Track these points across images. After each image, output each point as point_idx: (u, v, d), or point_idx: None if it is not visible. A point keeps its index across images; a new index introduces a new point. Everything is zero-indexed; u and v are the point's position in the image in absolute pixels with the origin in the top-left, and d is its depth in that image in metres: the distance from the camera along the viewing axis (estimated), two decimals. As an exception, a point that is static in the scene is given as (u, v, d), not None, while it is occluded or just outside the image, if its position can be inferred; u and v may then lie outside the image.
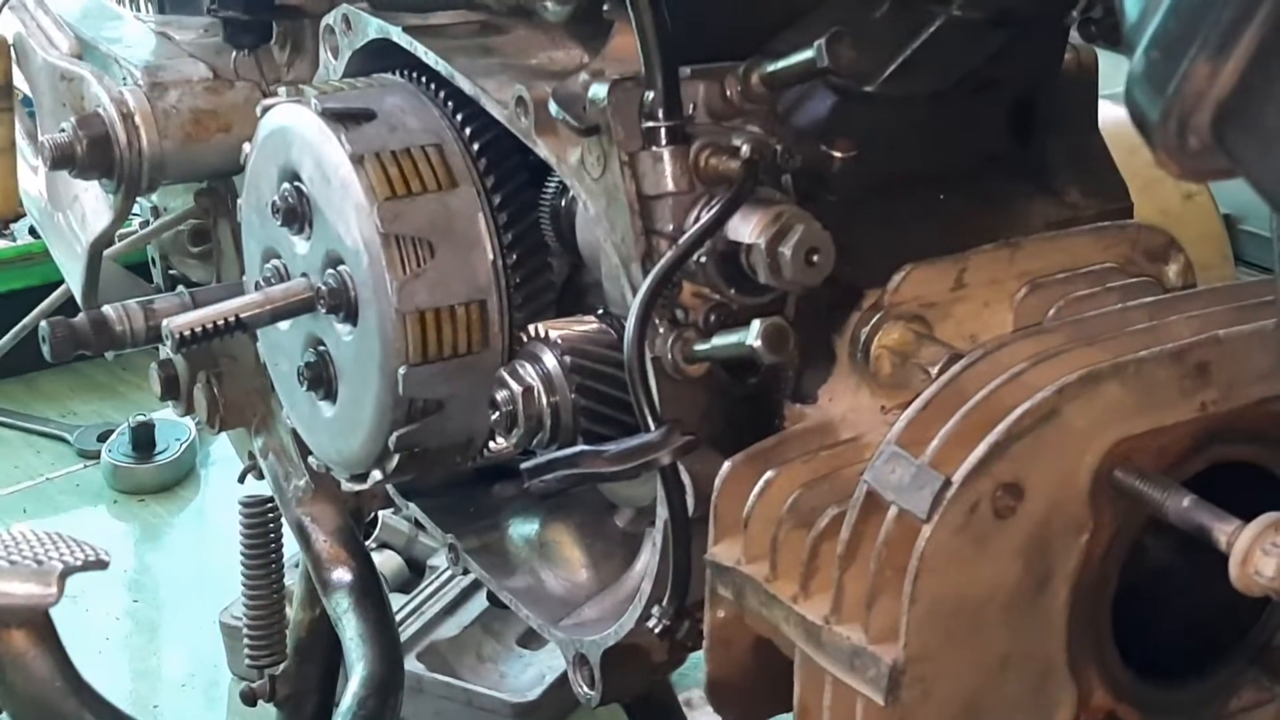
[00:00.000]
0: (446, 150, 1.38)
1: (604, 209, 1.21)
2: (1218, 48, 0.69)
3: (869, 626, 1.03)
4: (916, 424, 1.05)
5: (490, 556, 1.52)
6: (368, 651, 1.75)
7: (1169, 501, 1.00)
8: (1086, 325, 1.12)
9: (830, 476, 1.14)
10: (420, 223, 1.35)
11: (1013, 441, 1.00)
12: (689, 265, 1.17)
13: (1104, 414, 1.02)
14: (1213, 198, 1.66)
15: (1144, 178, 1.53)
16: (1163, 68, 0.70)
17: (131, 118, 1.73)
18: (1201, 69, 0.69)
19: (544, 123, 1.25)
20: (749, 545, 1.14)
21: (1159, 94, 0.71)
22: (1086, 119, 1.35)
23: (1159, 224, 1.31)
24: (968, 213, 1.28)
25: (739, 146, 1.17)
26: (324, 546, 1.87)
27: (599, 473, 1.16)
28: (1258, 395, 1.07)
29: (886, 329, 1.18)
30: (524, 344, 1.33)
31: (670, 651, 1.30)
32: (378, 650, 1.76)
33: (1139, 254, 1.26)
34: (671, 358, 1.18)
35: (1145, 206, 1.38)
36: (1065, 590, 1.05)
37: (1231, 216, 2.82)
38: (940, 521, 0.99)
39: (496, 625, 2.88)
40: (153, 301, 1.74)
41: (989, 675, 1.04)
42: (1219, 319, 1.10)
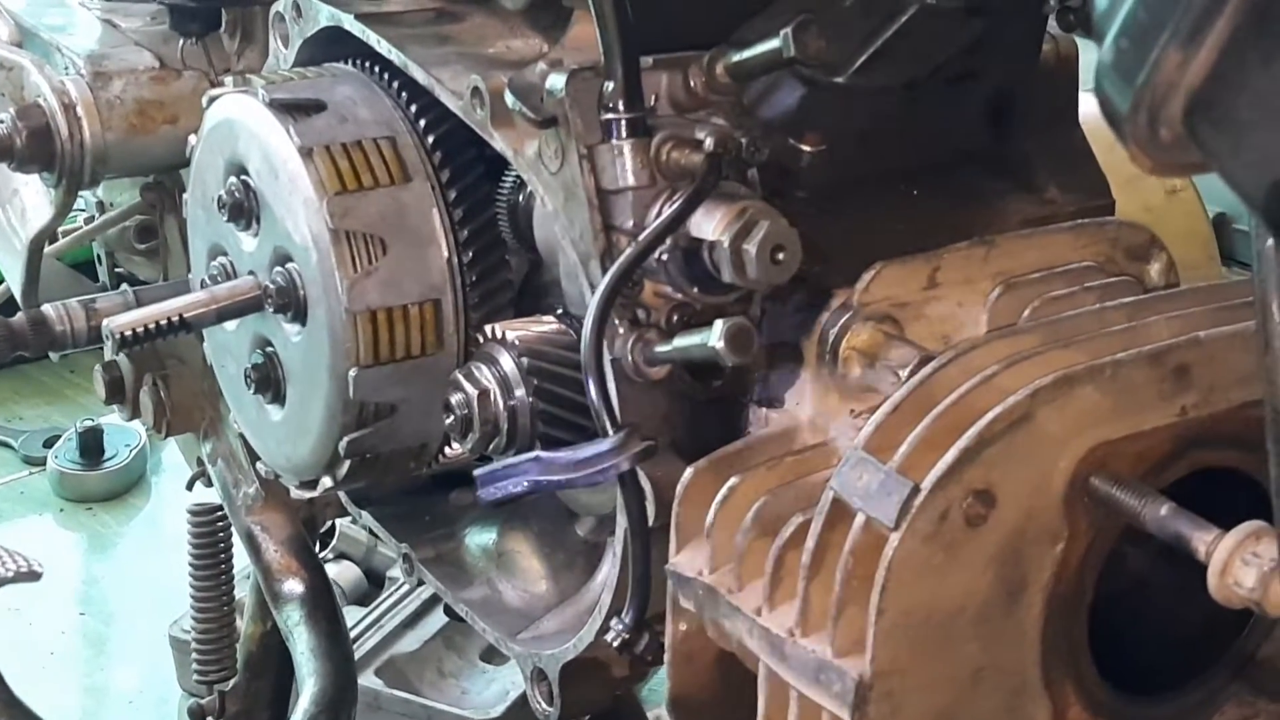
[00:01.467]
0: (400, 143, 1.38)
1: (562, 204, 1.21)
2: (1189, 36, 0.68)
3: (835, 639, 1.03)
4: (885, 428, 1.05)
5: (446, 567, 1.52)
6: (319, 667, 1.75)
7: (1146, 509, 1.00)
8: (1062, 326, 1.12)
9: (796, 483, 1.13)
10: (372, 218, 1.35)
11: (984, 447, 1.00)
12: (650, 263, 1.17)
13: (1079, 418, 1.02)
14: (1198, 194, 1.66)
15: (1125, 173, 1.53)
16: (1132, 57, 0.70)
17: (73, 108, 1.72)
18: (1172, 58, 0.69)
19: (500, 114, 1.25)
20: (712, 555, 1.13)
21: (1128, 84, 0.71)
22: (1066, 112, 1.35)
23: (1141, 221, 1.31)
24: (941, 210, 1.28)
25: (702, 139, 1.17)
26: (275, 557, 1.86)
27: (555, 480, 1.15)
28: (1239, 399, 1.07)
29: (856, 330, 1.18)
30: (480, 345, 1.32)
31: (631, 666, 1.30)
32: (330, 666, 1.75)
33: (1119, 252, 1.26)
34: (631, 359, 1.18)
35: (1127, 203, 1.38)
36: (1039, 601, 1.05)
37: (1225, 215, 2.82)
38: (909, 530, 0.99)
39: (458, 639, 2.87)
40: (95, 300, 1.73)
41: (960, 690, 1.04)
42: (1200, 320, 1.10)
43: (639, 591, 1.19)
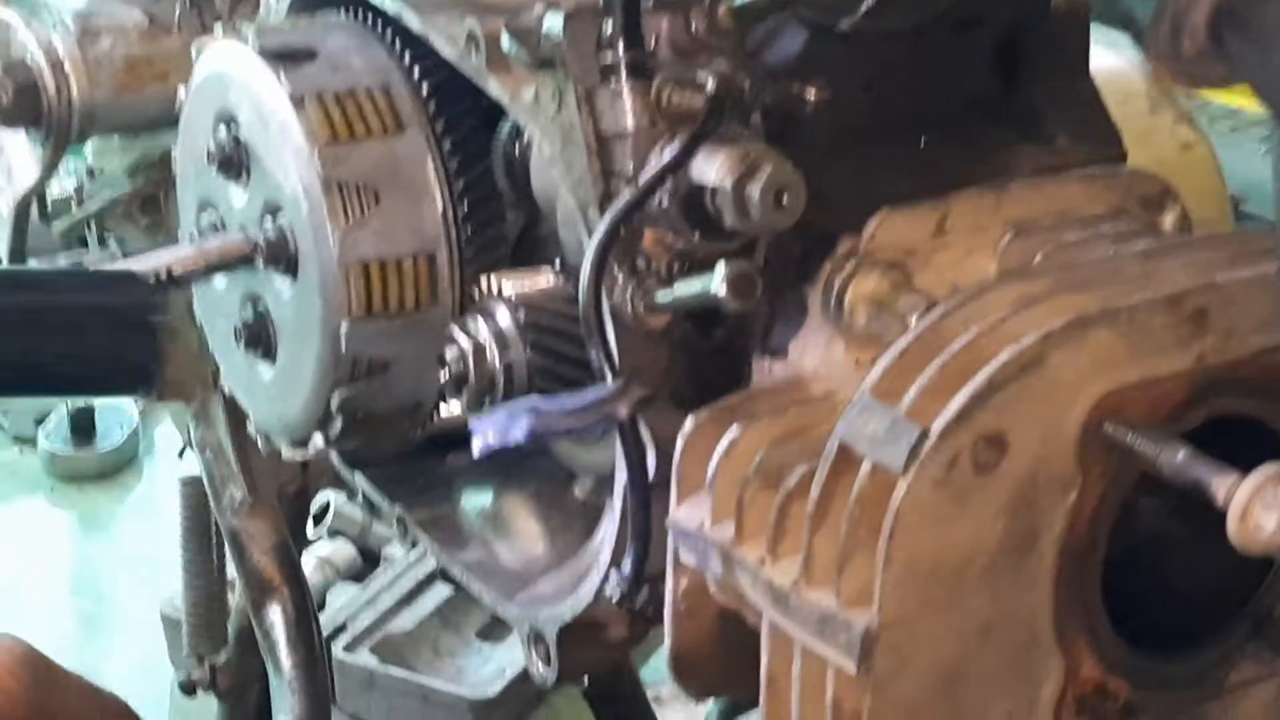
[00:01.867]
0: (393, 92, 1.35)
1: (559, 150, 1.19)
2: (1215, -61, 0.66)
3: (840, 590, 1.01)
4: (892, 373, 1.03)
5: (441, 529, 1.49)
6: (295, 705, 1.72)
7: (1163, 455, 0.98)
8: (1075, 270, 1.10)
9: (800, 433, 1.11)
10: (364, 169, 1.32)
11: (995, 391, 0.97)
12: (650, 208, 1.14)
13: (1093, 363, 1.00)
14: (1212, 149, 1.63)
15: (1138, 128, 1.52)
16: (1156, -38, 0.68)
17: (61, 65, 1.70)
18: (1197, -37, 0.67)
19: (496, 59, 1.22)
20: (714, 508, 1.11)
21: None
22: (1077, 60, 1.33)
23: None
24: (949, 159, 1.26)
25: (704, 82, 1.14)
26: (258, 566, 1.82)
27: (552, 428, 1.13)
28: (1258, 345, 1.04)
29: (862, 277, 1.15)
30: (476, 299, 1.30)
31: (630, 626, 1.28)
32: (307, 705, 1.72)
33: (1133, 202, 1.24)
34: (631, 308, 1.16)
35: (1140, 158, 1.35)
36: (1052, 553, 1.02)
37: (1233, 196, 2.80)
38: (917, 475, 0.97)
39: (455, 617, 2.86)
40: (83, 261, 1.71)
41: (969, 643, 1.02)
42: (1218, 265, 1.07)
43: (638, 543, 1.16)
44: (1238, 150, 3.33)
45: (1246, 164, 3.33)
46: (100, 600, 3.24)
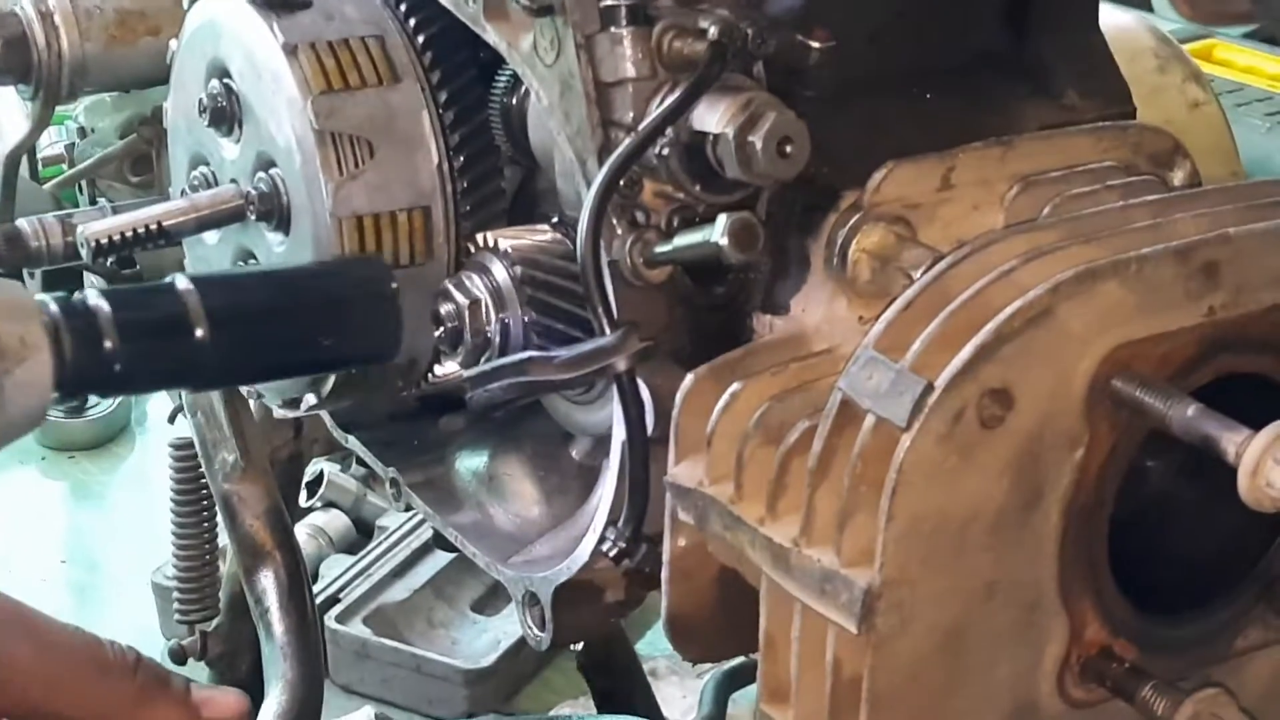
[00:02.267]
0: (389, 42, 1.34)
1: (558, 99, 1.17)
2: None
3: (841, 548, 0.99)
4: (897, 326, 1.01)
5: (435, 491, 1.48)
6: (287, 671, 1.70)
7: (1173, 411, 0.96)
8: (1084, 222, 1.08)
9: (802, 389, 1.09)
10: (359, 120, 1.30)
11: (1002, 344, 0.96)
12: (650, 159, 1.13)
13: (1102, 316, 0.98)
14: (1221, 107, 1.62)
15: (1147, 85, 1.50)
16: (1175, -115, 0.66)
17: (50, 17, 1.68)
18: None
19: (494, 6, 1.21)
20: (712, 464, 1.09)
21: (1170, -82, 0.67)
22: (1087, 14, 1.31)
23: (1163, 131, 1.27)
24: (955, 112, 1.24)
25: (706, 29, 1.12)
26: (250, 531, 1.81)
27: (548, 380, 1.12)
28: (1270, 300, 1.03)
29: (866, 231, 1.14)
30: (471, 254, 1.28)
31: (628, 589, 1.26)
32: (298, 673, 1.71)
33: (1141, 157, 1.22)
34: (630, 261, 1.14)
35: (1148, 116, 1.34)
36: (1057, 511, 1.01)
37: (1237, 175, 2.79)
38: (921, 429, 0.95)
39: (449, 589, 2.85)
40: (72, 216, 1.69)
41: (973, 603, 1.00)
42: (1229, 218, 1.06)
43: (637, 499, 1.15)
44: (1241, 126, 3.32)
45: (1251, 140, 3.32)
46: (93, 569, 3.22)
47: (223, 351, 1.18)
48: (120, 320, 1.13)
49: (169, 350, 1.18)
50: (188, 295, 1.17)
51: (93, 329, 1.12)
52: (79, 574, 3.18)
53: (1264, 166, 3.30)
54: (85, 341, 1.12)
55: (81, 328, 1.12)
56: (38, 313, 1.09)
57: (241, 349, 1.21)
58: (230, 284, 1.25)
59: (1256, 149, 3.34)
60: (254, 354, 1.23)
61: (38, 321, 1.09)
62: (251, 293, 1.24)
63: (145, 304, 1.18)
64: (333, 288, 1.25)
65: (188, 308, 1.17)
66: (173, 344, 1.17)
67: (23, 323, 1.07)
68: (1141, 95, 1.33)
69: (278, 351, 1.25)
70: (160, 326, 1.17)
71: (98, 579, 3.17)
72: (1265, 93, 3.53)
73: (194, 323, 1.16)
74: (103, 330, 1.13)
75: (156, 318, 1.17)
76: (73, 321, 1.11)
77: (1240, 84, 3.54)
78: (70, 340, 1.11)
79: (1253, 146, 3.30)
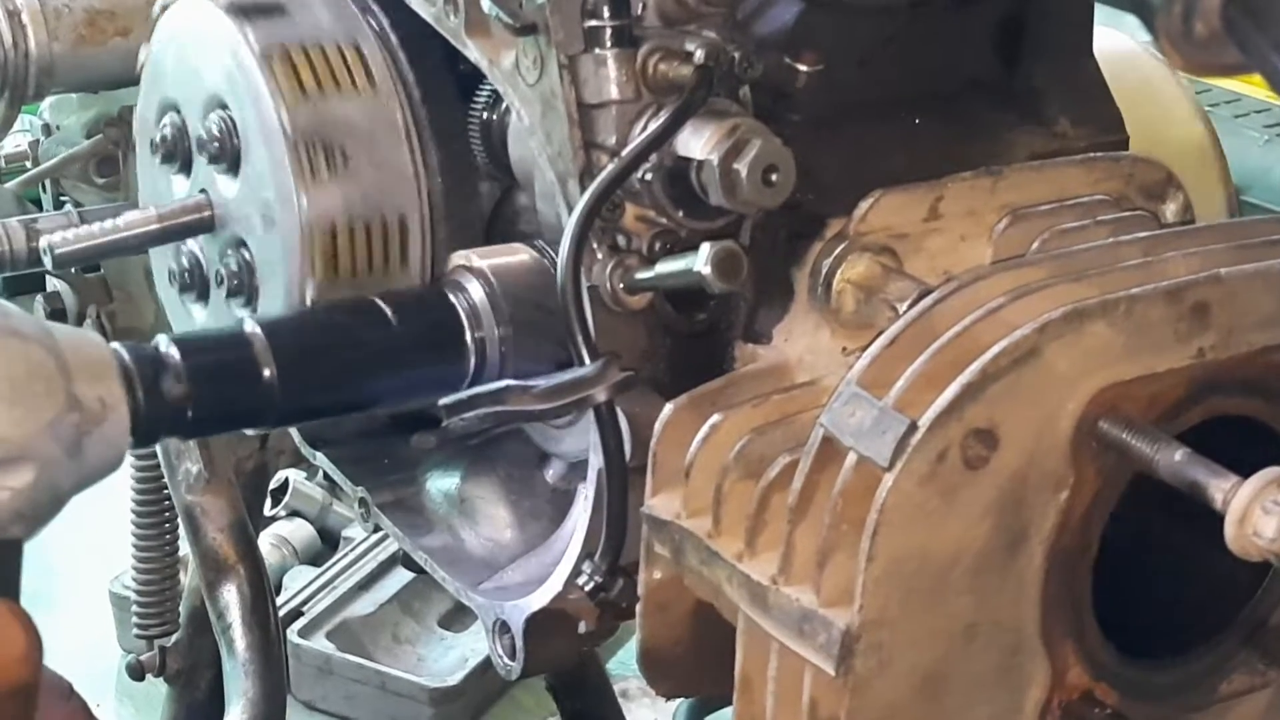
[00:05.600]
0: (367, 53, 1.34)
1: (539, 119, 1.18)
2: (1232, -83, 0.66)
3: (821, 588, 1.00)
4: (881, 362, 1.02)
5: (405, 513, 1.48)
6: (249, 688, 1.71)
7: (1160, 455, 0.98)
8: (1073, 259, 1.10)
9: (783, 422, 1.10)
10: (334, 128, 1.31)
11: (987, 383, 0.97)
12: (632, 184, 1.14)
13: (1090, 356, 1.00)
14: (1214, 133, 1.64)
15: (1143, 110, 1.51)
16: (1169, -60, 0.67)
17: (18, 16, 1.69)
18: (1213, -59, 0.66)
19: (475, 21, 1.22)
20: (690, 497, 1.11)
21: (1164, -29, 0.68)
22: (1080, 41, 1.32)
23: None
24: (945, 140, 1.25)
25: (692, 51, 1.14)
26: (213, 544, 1.81)
27: (526, 410, 1.13)
28: (1261, 343, 1.04)
29: (851, 261, 1.15)
30: (447, 272, 1.29)
31: (600, 619, 1.27)
32: (260, 689, 1.72)
33: (1134, 189, 1.23)
34: (610, 286, 1.15)
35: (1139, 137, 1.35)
36: (1040, 553, 1.02)
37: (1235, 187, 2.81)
38: (904, 470, 0.96)
39: (416, 604, 2.86)
40: (36, 221, 1.69)
41: (953, 646, 1.02)
42: (1221, 257, 1.07)
43: (614, 532, 1.16)
44: (1240, 138, 3.34)
45: (1249, 152, 3.34)
46: (48, 574, 3.22)
47: (291, 391, 1.22)
48: (190, 366, 1.17)
49: (238, 393, 1.22)
50: (254, 338, 1.21)
51: (164, 375, 1.16)
52: (34, 581, 3.17)
53: (1262, 179, 3.32)
54: (157, 390, 1.16)
55: (152, 375, 1.16)
56: (115, 368, 1.13)
57: (310, 388, 1.25)
58: (298, 323, 1.28)
59: (1254, 161, 3.36)
60: (322, 392, 1.27)
61: (116, 380, 1.12)
62: (319, 332, 1.27)
63: (214, 348, 1.22)
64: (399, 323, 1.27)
65: (254, 349, 1.20)
66: (242, 387, 1.21)
67: (102, 382, 1.11)
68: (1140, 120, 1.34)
69: (346, 388, 1.28)
70: (229, 370, 1.21)
71: (53, 586, 3.17)
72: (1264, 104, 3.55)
73: (261, 364, 1.20)
74: (172, 376, 1.17)
75: (225, 361, 1.21)
76: (144, 370, 1.15)
77: (1238, 94, 3.56)
78: (144, 391, 1.15)
79: (1250, 158, 3.31)
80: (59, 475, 1.07)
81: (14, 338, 1.05)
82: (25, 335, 1.05)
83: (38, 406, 1.05)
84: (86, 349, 1.11)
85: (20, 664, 1.02)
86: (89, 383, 1.09)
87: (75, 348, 1.09)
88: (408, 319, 1.27)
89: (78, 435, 1.07)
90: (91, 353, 1.11)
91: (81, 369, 1.08)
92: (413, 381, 1.28)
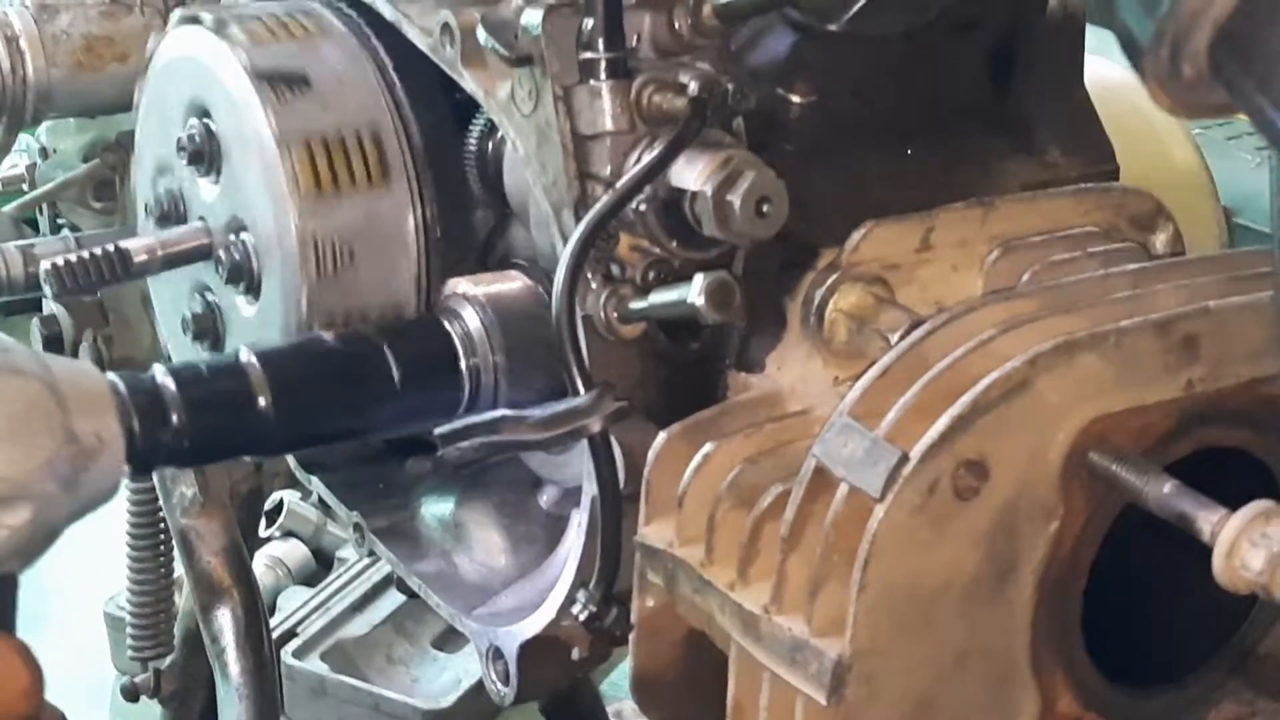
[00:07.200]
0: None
1: (534, 149, 1.19)
2: (1219, -38, 0.66)
3: (812, 617, 1.01)
4: (873, 393, 1.03)
5: (399, 538, 1.49)
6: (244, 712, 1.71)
7: (1149, 487, 0.98)
8: (1063, 291, 1.10)
9: (775, 452, 1.11)
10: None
11: (978, 415, 0.98)
12: (627, 214, 1.14)
13: (1080, 388, 1.00)
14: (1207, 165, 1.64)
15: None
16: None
17: (16, 41, 1.69)
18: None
19: (471, 52, 1.22)
20: (683, 526, 1.11)
21: (1150, 14, 0.69)
22: (1071, 70, 1.33)
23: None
24: (937, 169, 1.26)
25: (686, 83, 1.14)
26: (208, 568, 1.82)
27: (521, 440, 1.13)
28: (1249, 375, 1.05)
29: (843, 291, 1.16)
30: (442, 300, 1.30)
31: (593, 646, 1.27)
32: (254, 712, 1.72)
33: (1124, 220, 1.24)
34: (604, 316, 1.16)
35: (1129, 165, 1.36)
36: (1031, 583, 1.03)
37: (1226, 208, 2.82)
38: (895, 501, 0.97)
39: (409, 625, 2.85)
40: (34, 245, 1.70)
41: (944, 674, 1.02)
42: (1210, 289, 1.08)
43: (608, 562, 1.16)
44: (1231, 160, 3.34)
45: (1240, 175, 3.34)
46: (42, 595, 3.22)
47: (286, 420, 1.22)
48: (185, 396, 1.18)
49: (234, 423, 1.22)
50: (249, 367, 1.21)
51: (160, 407, 1.17)
52: (29, 601, 3.17)
53: (1254, 202, 3.33)
54: (154, 422, 1.16)
55: (148, 406, 1.16)
56: (111, 403, 1.13)
57: (305, 416, 1.25)
58: (293, 352, 1.28)
59: (1246, 183, 3.37)
60: (318, 420, 1.27)
61: (113, 414, 1.12)
62: (314, 361, 1.27)
63: (209, 378, 1.22)
64: (394, 352, 1.27)
65: (250, 379, 1.21)
66: (237, 416, 1.22)
67: (99, 417, 1.11)
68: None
69: (342, 417, 1.28)
70: (224, 399, 1.21)
71: (48, 607, 3.16)
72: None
73: (256, 393, 1.21)
74: (169, 407, 1.17)
75: (220, 392, 1.21)
76: (140, 401, 1.16)
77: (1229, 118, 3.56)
78: (139, 422, 1.15)
79: (1243, 181, 3.32)
80: (55, 511, 1.07)
81: (13, 374, 1.05)
82: (24, 371, 1.06)
83: (36, 445, 1.05)
84: (84, 383, 1.11)
85: (23, 699, 1.03)
86: (86, 418, 1.09)
87: (73, 382, 1.09)
88: (403, 347, 1.27)
89: (74, 471, 1.08)
90: (89, 386, 1.11)
91: (79, 404, 1.09)
92: (408, 409, 1.28)
